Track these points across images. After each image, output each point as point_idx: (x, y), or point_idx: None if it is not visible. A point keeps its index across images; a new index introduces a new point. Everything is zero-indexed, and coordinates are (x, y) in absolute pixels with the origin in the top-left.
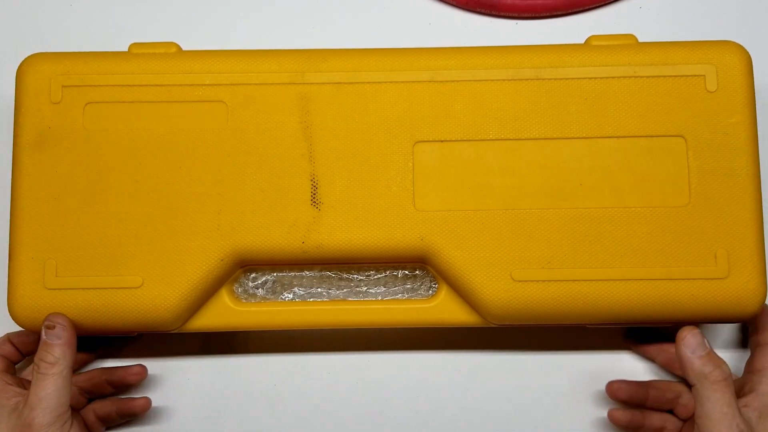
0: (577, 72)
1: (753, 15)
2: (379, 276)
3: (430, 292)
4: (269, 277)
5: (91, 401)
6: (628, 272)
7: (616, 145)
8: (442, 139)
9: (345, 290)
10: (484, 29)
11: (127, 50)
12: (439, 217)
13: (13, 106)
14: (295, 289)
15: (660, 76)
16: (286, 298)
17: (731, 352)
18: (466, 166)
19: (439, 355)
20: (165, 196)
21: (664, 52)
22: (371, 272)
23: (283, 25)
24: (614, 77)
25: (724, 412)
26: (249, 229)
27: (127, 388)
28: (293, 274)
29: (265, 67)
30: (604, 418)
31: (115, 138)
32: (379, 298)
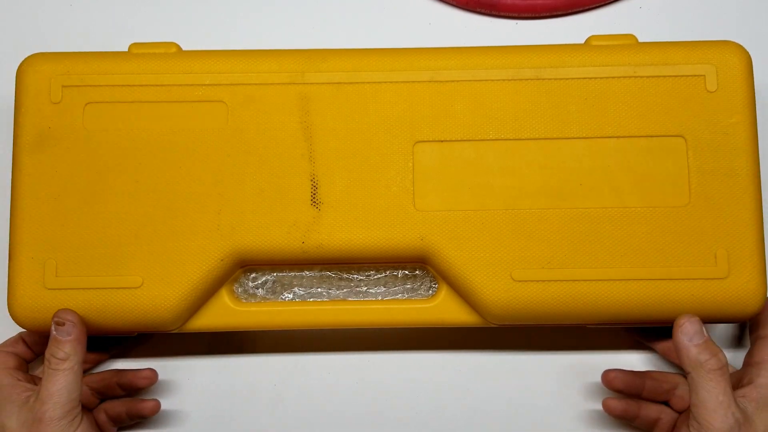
0: (577, 72)
1: (753, 15)
2: (379, 276)
3: (430, 292)
4: (269, 277)
5: (103, 401)
6: (628, 272)
7: (616, 145)
8: (442, 139)
9: (345, 290)
10: (484, 29)
11: (127, 50)
12: (439, 217)
13: (13, 106)
14: (295, 289)
15: (660, 76)
16: (286, 298)
17: (728, 352)
18: (466, 166)
19: (439, 355)
20: (165, 196)
21: (664, 52)
22: (371, 272)
23: (283, 25)
24: (614, 77)
25: (719, 400)
26: (249, 229)
27: (138, 391)
28: (293, 274)
29: (265, 67)
30: (604, 417)
31: (115, 138)
32: (379, 298)
